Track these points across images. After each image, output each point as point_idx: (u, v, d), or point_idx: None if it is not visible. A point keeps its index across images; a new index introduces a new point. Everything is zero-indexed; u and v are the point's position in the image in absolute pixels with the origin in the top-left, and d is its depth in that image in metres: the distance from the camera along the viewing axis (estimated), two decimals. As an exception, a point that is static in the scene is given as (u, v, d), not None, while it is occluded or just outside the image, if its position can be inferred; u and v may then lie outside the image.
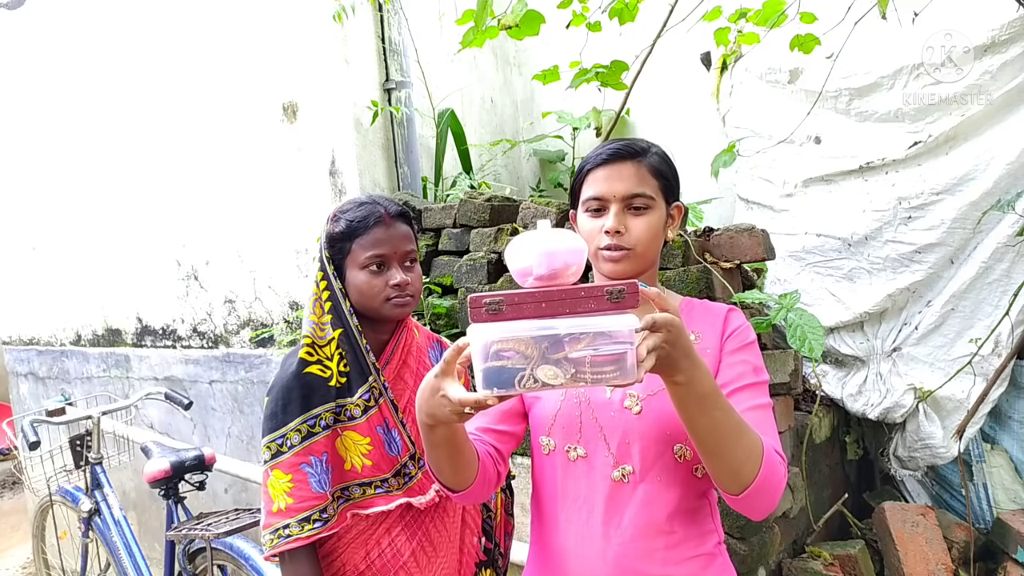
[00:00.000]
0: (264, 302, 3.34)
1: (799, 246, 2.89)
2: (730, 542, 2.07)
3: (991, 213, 2.52)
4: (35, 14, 4.21)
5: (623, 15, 2.36)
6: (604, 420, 1.33)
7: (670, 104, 3.56)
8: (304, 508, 1.43)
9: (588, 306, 0.95)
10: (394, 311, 1.51)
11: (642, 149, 1.35)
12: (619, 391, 1.33)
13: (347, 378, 1.50)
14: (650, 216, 1.33)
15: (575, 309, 0.96)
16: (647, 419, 1.30)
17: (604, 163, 1.34)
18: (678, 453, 1.30)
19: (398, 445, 1.51)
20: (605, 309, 0.95)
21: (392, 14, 3.13)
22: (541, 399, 1.44)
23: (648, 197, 1.32)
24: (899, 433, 2.85)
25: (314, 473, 1.45)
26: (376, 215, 1.50)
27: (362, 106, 3.01)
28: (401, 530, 1.52)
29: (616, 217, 1.31)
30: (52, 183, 4.31)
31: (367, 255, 1.49)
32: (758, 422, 1.27)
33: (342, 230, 1.50)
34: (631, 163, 1.33)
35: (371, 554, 1.51)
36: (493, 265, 2.56)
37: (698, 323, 1.36)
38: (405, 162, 3.16)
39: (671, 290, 1.67)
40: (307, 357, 1.49)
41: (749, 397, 1.30)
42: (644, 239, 1.32)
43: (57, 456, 3.14)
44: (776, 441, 1.31)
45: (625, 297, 0.95)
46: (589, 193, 1.35)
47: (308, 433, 1.46)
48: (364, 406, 1.50)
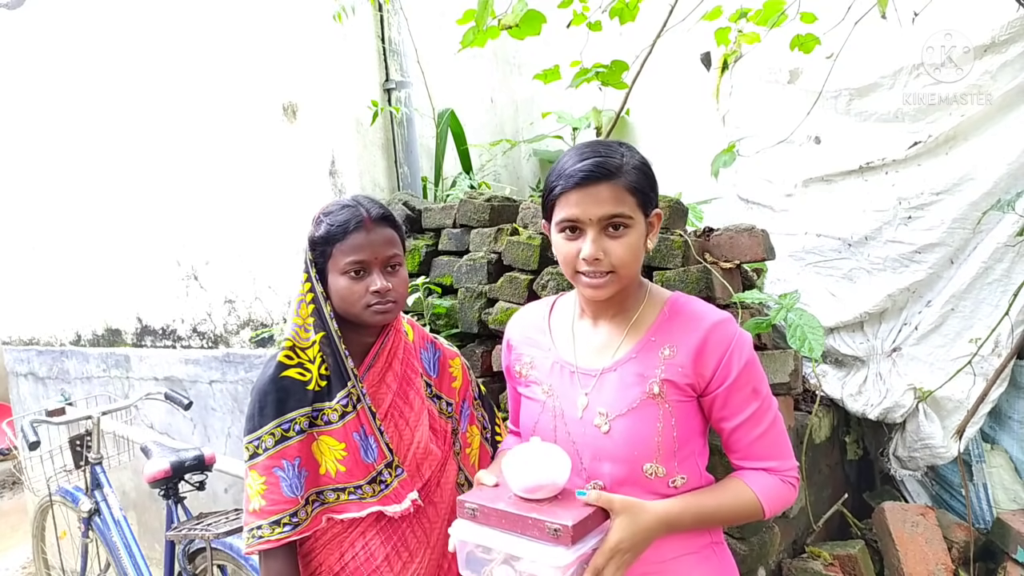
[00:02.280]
0: (264, 302, 3.34)
1: (799, 246, 2.89)
2: (730, 542, 2.07)
3: (991, 213, 2.52)
4: (35, 14, 4.21)
5: (623, 15, 2.36)
6: (576, 436, 1.34)
7: (670, 104, 3.56)
8: (275, 511, 1.44)
9: (534, 533, 1.15)
10: (375, 318, 1.49)
11: (616, 167, 1.26)
12: (590, 408, 1.34)
13: (327, 381, 1.49)
14: (629, 236, 1.27)
15: (525, 531, 1.16)
16: (614, 439, 1.30)
17: (577, 185, 1.26)
18: (648, 471, 1.29)
19: (374, 452, 1.50)
20: (547, 540, 1.14)
21: (392, 14, 3.13)
22: (524, 408, 1.48)
23: (626, 217, 1.26)
24: (899, 433, 2.85)
25: (286, 477, 1.46)
26: (357, 219, 1.46)
27: (362, 106, 3.01)
28: (376, 534, 1.52)
29: (594, 243, 1.26)
30: (52, 183, 4.30)
31: (346, 260, 1.46)
32: (768, 447, 1.33)
33: (323, 234, 1.48)
34: (606, 184, 1.25)
35: (345, 556, 1.52)
36: (493, 265, 2.55)
37: (677, 335, 1.32)
38: (405, 162, 3.16)
39: (670, 290, 1.66)
40: (286, 360, 1.49)
41: (754, 426, 1.32)
42: (625, 260, 1.28)
43: (57, 456, 3.13)
44: (788, 456, 1.36)
45: (559, 536, 1.13)
46: (562, 215, 1.28)
47: (281, 437, 1.47)
48: (342, 411, 1.49)
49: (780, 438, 1.35)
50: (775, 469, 1.33)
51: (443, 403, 1.68)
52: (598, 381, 1.35)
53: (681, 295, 1.40)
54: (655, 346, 1.33)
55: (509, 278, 2.45)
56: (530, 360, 1.46)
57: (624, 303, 1.38)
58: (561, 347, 1.43)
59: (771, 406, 1.34)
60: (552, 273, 2.34)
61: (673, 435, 1.29)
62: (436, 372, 1.68)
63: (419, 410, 1.58)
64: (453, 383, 1.71)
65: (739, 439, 1.33)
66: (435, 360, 1.69)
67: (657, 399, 1.29)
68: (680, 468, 1.31)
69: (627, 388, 1.31)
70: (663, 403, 1.29)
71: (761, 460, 1.33)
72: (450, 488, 1.64)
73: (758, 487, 1.31)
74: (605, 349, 1.37)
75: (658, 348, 1.32)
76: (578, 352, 1.40)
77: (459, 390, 1.72)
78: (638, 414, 1.29)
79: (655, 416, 1.29)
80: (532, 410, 1.43)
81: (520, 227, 2.58)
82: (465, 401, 1.73)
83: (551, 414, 1.38)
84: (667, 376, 1.30)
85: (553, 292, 2.30)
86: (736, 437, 1.33)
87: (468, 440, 1.73)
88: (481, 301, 2.53)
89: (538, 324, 1.50)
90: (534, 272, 2.42)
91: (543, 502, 1.20)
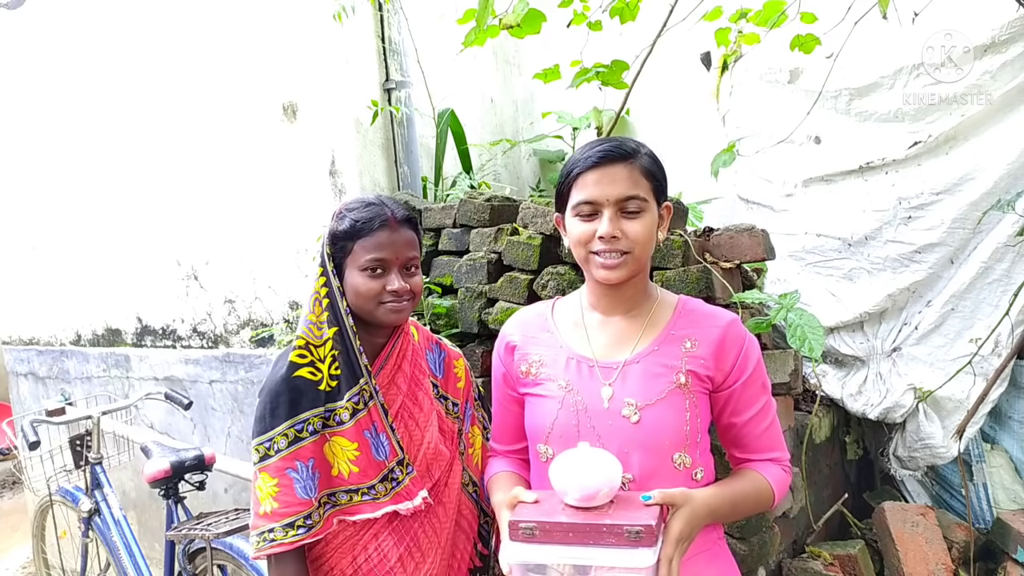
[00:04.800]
0: (264, 302, 3.34)
1: (799, 246, 2.89)
2: (730, 542, 2.07)
3: (991, 213, 2.52)
4: (35, 14, 4.21)
5: (624, 14, 2.35)
6: (602, 429, 1.34)
7: (670, 104, 3.56)
8: (289, 513, 1.43)
9: (610, 541, 1.10)
10: (389, 316, 1.49)
11: (632, 150, 1.31)
12: (616, 399, 1.34)
13: (337, 381, 1.49)
14: (644, 218, 1.31)
15: (599, 541, 1.10)
16: (645, 428, 1.31)
17: (595, 166, 1.30)
18: (677, 461, 1.31)
19: (385, 449, 1.50)
20: (627, 544, 1.09)
21: (392, 14, 3.13)
22: (535, 409, 1.45)
23: (642, 199, 1.30)
24: (899, 433, 2.85)
25: (299, 479, 1.44)
26: (382, 217, 1.48)
27: (362, 106, 3.01)
28: (388, 535, 1.51)
29: (611, 222, 1.29)
30: (52, 183, 4.30)
31: (368, 257, 1.46)
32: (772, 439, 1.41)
33: (346, 229, 1.48)
34: (623, 165, 1.29)
35: (358, 559, 1.51)
36: (493, 265, 2.55)
37: (695, 329, 1.36)
38: (405, 162, 3.16)
39: (670, 290, 1.66)
40: (298, 360, 1.48)
41: (762, 419, 1.39)
42: (641, 242, 1.30)
43: (57, 456, 3.13)
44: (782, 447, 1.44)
45: (643, 538, 1.09)
46: (580, 197, 1.31)
47: (295, 438, 1.45)
48: (353, 409, 1.48)
49: (779, 430, 1.43)
50: (778, 459, 1.41)
51: (449, 403, 1.68)
52: (621, 373, 1.36)
53: (688, 297, 1.45)
54: (676, 340, 1.36)
55: (509, 278, 2.45)
56: (539, 358, 1.45)
57: (636, 298, 1.41)
58: (573, 343, 1.43)
59: (773, 401, 1.41)
60: (552, 273, 2.34)
61: (698, 424, 1.34)
62: (442, 373, 1.69)
63: (428, 411, 1.58)
64: (458, 383, 1.71)
65: (749, 432, 1.38)
66: (440, 361, 1.70)
67: (684, 389, 1.33)
68: (700, 460, 1.35)
69: (654, 378, 1.33)
70: (689, 393, 1.33)
71: (767, 452, 1.40)
72: (457, 489, 1.64)
73: (770, 476, 1.38)
74: (623, 343, 1.39)
75: (680, 342, 1.36)
76: (594, 346, 1.41)
77: (463, 391, 1.72)
78: (668, 403, 1.32)
79: (683, 405, 1.32)
80: (547, 408, 1.41)
81: (520, 227, 2.58)
82: (468, 402, 1.73)
83: (572, 409, 1.36)
84: (691, 367, 1.34)
85: (553, 292, 2.30)
86: (747, 431, 1.38)
87: (471, 441, 1.72)
88: (481, 301, 2.53)
89: (541, 324, 1.50)
90: (534, 272, 2.42)
91: (604, 508, 1.16)
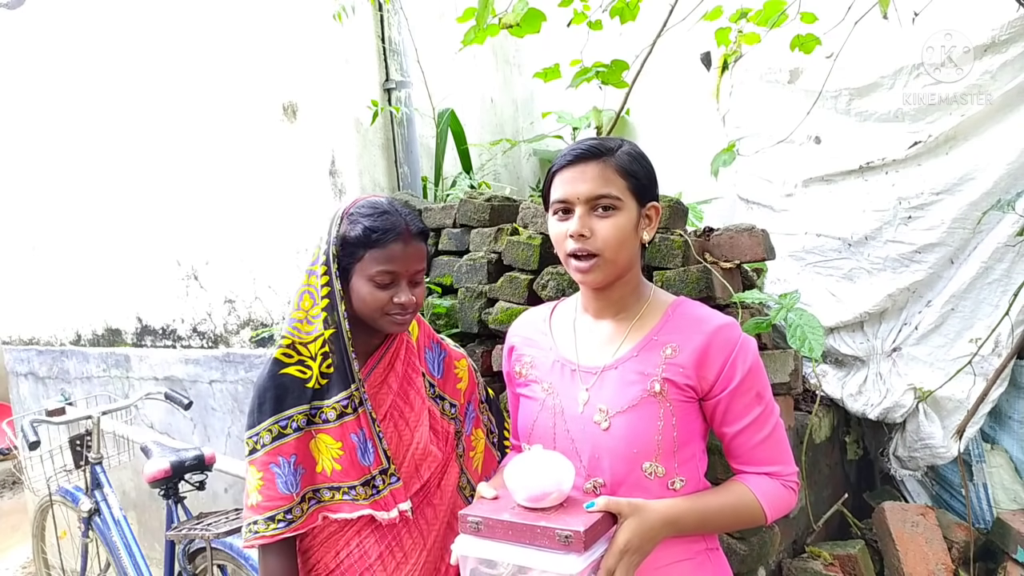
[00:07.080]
0: (264, 302, 3.34)
1: (799, 246, 2.89)
2: (730, 542, 2.07)
3: (991, 213, 2.52)
4: (35, 14, 4.21)
5: (624, 14, 2.36)
6: (576, 434, 1.34)
7: (670, 104, 3.56)
8: (270, 507, 1.45)
9: (544, 542, 1.13)
10: (392, 327, 1.49)
11: (609, 149, 1.30)
12: (591, 404, 1.33)
13: (328, 380, 1.49)
14: (617, 218, 1.28)
15: (533, 541, 1.14)
16: (614, 436, 1.30)
17: (569, 164, 1.30)
18: (648, 471, 1.29)
19: (371, 456, 1.49)
20: (558, 548, 1.12)
21: (392, 14, 3.13)
22: (522, 409, 1.47)
23: (614, 198, 1.28)
24: (899, 433, 2.85)
25: (281, 474, 1.46)
26: (398, 230, 1.45)
27: (362, 106, 3.01)
28: (370, 533, 1.52)
29: (580, 220, 1.28)
30: (52, 183, 4.30)
31: (379, 268, 1.44)
32: (769, 452, 1.33)
33: (358, 235, 1.45)
34: (596, 163, 1.29)
35: (340, 554, 1.53)
36: (493, 265, 2.55)
37: (679, 335, 1.32)
38: (405, 162, 3.16)
39: (670, 290, 1.67)
40: (283, 358, 1.48)
41: (756, 431, 1.32)
42: (611, 242, 1.28)
43: (57, 456, 3.14)
44: (789, 461, 1.36)
45: (571, 543, 1.12)
46: (555, 195, 1.32)
47: (279, 434, 1.47)
48: (340, 411, 1.48)
49: (781, 443, 1.35)
50: (776, 474, 1.33)
51: (446, 404, 1.67)
52: (599, 378, 1.35)
53: (687, 300, 1.41)
54: (657, 345, 1.33)
55: (509, 278, 2.45)
56: (530, 360, 1.47)
57: (625, 301, 1.39)
58: (562, 346, 1.43)
59: (773, 411, 1.34)
60: (552, 273, 2.34)
61: (673, 435, 1.29)
62: (440, 373, 1.68)
63: (419, 410, 1.57)
64: (458, 384, 1.70)
65: (741, 444, 1.32)
66: (440, 360, 1.69)
67: (658, 397, 1.29)
68: (680, 470, 1.31)
69: (628, 385, 1.31)
70: (664, 402, 1.29)
71: (763, 465, 1.33)
72: (451, 491, 1.64)
73: (760, 491, 1.31)
74: (607, 347, 1.38)
75: (660, 347, 1.32)
76: (579, 350, 1.40)
77: (464, 392, 1.71)
78: (638, 411, 1.29)
79: (655, 414, 1.29)
80: (531, 409, 1.43)
81: (520, 227, 2.58)
82: (470, 403, 1.72)
83: (550, 412, 1.38)
84: (668, 375, 1.30)
85: (553, 292, 2.30)
86: (738, 442, 1.32)
87: (472, 443, 1.72)
88: (481, 301, 2.53)
89: (539, 326, 1.51)
90: (534, 272, 2.42)
91: (549, 511, 1.18)
